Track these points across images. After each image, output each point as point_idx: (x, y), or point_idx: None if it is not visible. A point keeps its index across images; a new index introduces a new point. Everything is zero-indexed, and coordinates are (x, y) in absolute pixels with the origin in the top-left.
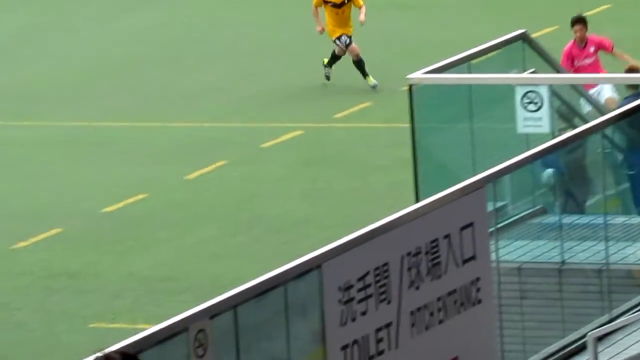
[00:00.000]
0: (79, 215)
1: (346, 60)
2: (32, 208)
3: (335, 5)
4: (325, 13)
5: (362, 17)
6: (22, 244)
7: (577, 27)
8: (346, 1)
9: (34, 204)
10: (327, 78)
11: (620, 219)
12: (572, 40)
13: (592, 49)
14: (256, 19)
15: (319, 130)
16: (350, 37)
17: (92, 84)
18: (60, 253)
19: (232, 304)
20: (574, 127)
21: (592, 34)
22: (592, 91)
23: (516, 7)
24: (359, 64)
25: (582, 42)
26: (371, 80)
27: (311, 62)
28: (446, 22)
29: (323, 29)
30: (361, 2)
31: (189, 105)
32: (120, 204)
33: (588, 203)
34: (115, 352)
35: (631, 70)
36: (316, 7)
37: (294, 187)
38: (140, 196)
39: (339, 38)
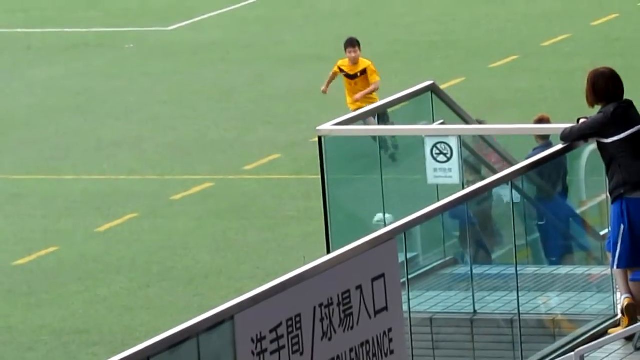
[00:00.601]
0: None
1: (255, 112)
2: None
3: (348, 76)
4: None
5: (358, 96)
6: None
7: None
8: (359, 74)
9: None
10: None
11: (531, 269)
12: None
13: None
14: (174, 67)
15: (229, 182)
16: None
17: (5, 134)
18: None
19: (145, 356)
20: (483, 177)
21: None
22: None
23: (423, 58)
24: None
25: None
26: None
27: (224, 112)
28: None
29: (326, 91)
30: (377, 78)
31: (102, 156)
32: (32, 257)
33: (499, 253)
34: None
35: (540, 120)
36: (334, 73)
37: (205, 238)
38: (52, 249)
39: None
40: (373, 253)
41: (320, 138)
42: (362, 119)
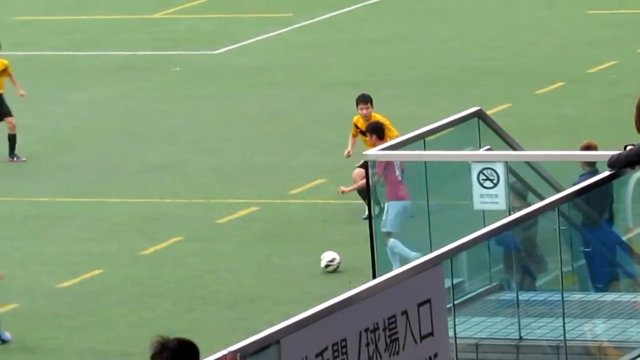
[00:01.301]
0: (36, 290)
1: (300, 136)
2: None
3: (362, 132)
4: None
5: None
6: None
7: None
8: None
9: None
10: None
11: (577, 296)
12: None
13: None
14: (220, 91)
15: (274, 206)
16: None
17: (50, 157)
18: (16, 328)
19: None
20: (529, 203)
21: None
22: None
23: (469, 84)
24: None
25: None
26: None
27: (270, 135)
28: (402, 97)
29: (350, 154)
30: (395, 133)
31: (147, 179)
32: (77, 279)
33: (544, 279)
34: (174, 339)
35: (587, 147)
36: (353, 136)
37: (250, 262)
38: (97, 271)
39: None
40: (419, 278)
41: (366, 163)
42: (408, 144)
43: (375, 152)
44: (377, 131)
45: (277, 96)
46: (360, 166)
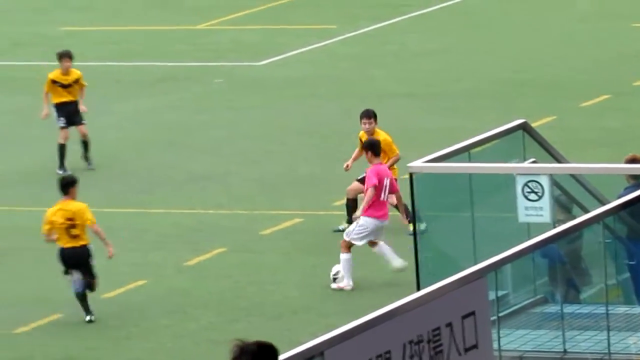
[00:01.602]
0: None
1: (344, 147)
2: (34, 294)
3: None
4: None
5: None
6: (23, 329)
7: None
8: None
9: (36, 290)
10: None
11: (621, 309)
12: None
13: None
14: (263, 102)
15: (318, 217)
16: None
17: (98, 168)
18: (60, 338)
19: None
20: (573, 216)
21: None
22: None
23: (514, 96)
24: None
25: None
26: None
27: (313, 147)
28: (447, 109)
29: (349, 167)
30: (396, 151)
31: (191, 190)
32: (122, 290)
33: (589, 292)
34: (252, 342)
35: (633, 160)
36: (360, 150)
37: (294, 274)
38: (141, 282)
39: None
40: (463, 291)
41: (411, 174)
42: (454, 156)
43: (419, 164)
44: (372, 148)
45: (320, 108)
46: (358, 180)
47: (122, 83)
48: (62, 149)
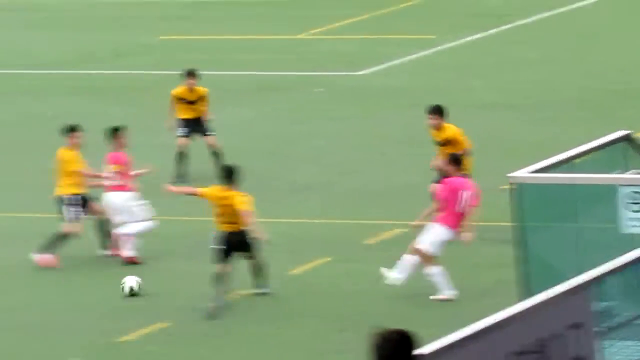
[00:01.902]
0: (186, 309)
1: None
2: (137, 302)
3: (437, 143)
4: None
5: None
6: (125, 338)
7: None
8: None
9: (141, 299)
10: None
11: None
12: None
13: None
14: (363, 112)
15: (421, 227)
16: None
17: (199, 177)
18: (166, 347)
19: None
20: None
21: None
22: None
23: (612, 108)
24: None
25: None
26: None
27: (413, 157)
28: (548, 119)
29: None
30: (464, 145)
31: (295, 199)
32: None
33: None
34: (394, 330)
35: None
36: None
37: (399, 285)
38: (244, 291)
39: None
40: (569, 301)
41: (512, 185)
42: (557, 167)
43: (522, 174)
44: (453, 162)
45: (420, 118)
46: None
47: (222, 91)
48: (179, 157)
